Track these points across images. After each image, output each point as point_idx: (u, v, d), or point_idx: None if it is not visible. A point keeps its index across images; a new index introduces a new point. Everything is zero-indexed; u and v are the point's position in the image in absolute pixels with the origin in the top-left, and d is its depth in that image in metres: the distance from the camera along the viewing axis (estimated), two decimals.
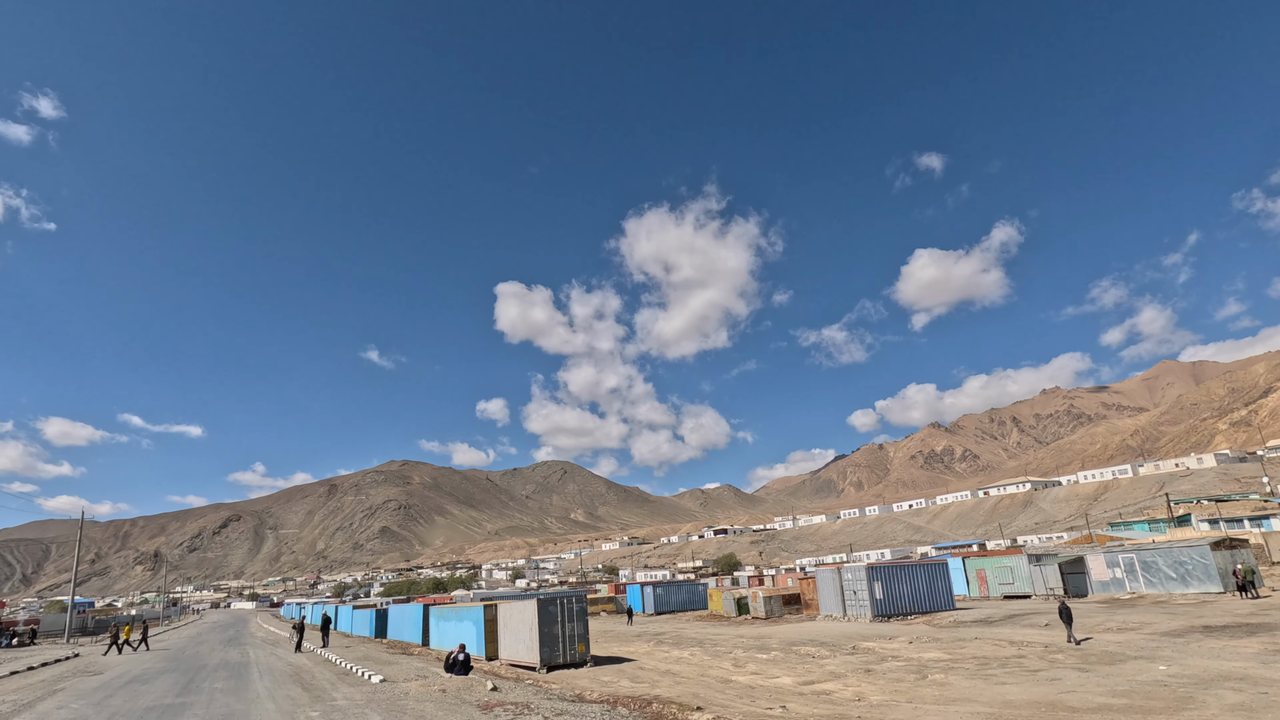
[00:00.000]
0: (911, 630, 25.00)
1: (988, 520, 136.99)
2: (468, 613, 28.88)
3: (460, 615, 29.96)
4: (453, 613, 31.27)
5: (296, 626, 34.37)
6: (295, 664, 25.86)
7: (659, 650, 25.88)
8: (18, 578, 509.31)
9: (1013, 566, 32.90)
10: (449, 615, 31.58)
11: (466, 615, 28.98)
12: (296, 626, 34.37)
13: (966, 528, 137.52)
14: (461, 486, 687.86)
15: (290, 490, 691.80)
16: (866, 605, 27.68)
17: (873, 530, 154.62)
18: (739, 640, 26.76)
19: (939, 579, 28.81)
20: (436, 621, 33.41)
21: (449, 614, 31.64)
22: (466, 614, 29.03)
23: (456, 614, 30.59)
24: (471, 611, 28.42)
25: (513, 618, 24.15)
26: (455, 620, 30.55)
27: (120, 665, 28.87)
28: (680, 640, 29.08)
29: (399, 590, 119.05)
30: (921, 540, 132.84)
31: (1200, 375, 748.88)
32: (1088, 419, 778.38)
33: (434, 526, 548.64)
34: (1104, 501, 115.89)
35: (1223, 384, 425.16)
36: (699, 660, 21.86)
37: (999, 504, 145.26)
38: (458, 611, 30.65)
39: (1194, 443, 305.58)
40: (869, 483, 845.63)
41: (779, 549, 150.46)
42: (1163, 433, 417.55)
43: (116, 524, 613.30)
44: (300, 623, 34.85)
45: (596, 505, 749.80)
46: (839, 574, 28.83)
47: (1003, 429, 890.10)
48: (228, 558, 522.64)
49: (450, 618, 31.33)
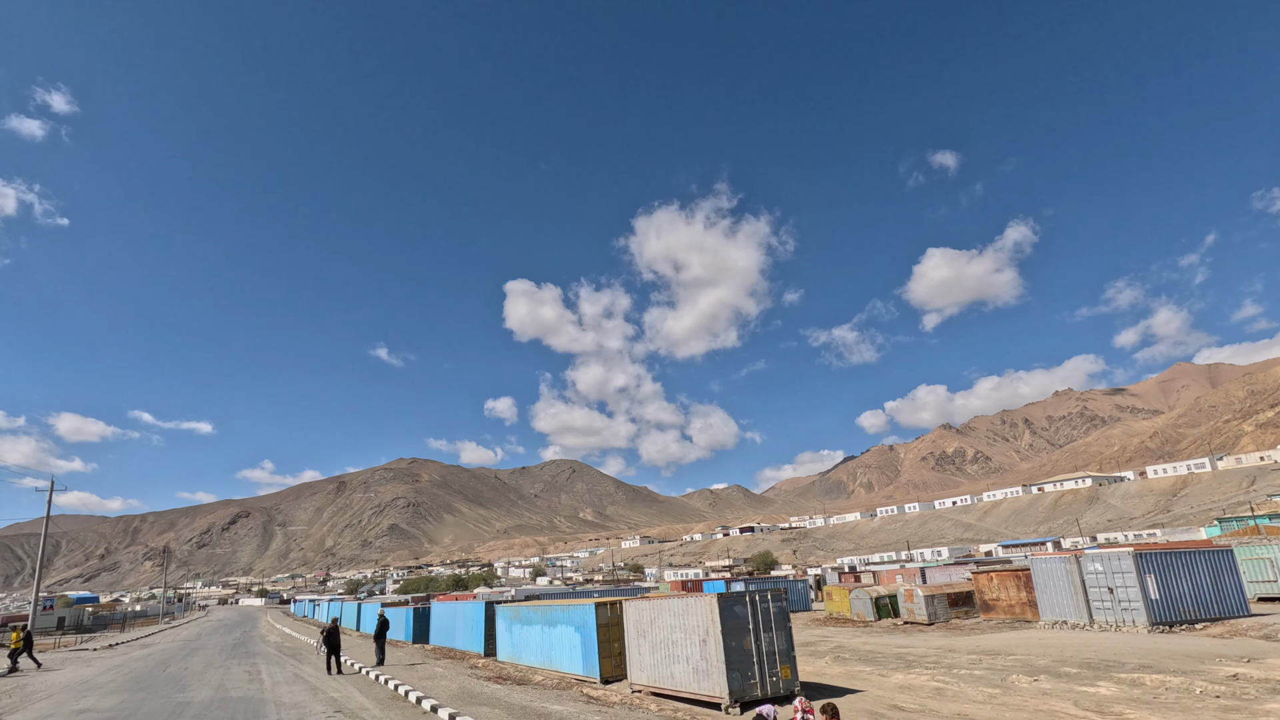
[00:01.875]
0: (1241, 647, 17.42)
1: (1049, 517, 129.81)
2: (567, 614, 21.30)
3: (552, 617, 22.33)
4: (537, 614, 23.46)
5: (326, 636, 23.15)
6: (345, 705, 16.18)
7: (863, 671, 18.15)
8: (28, 571, 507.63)
9: (1273, 558, 25.81)
10: (533, 618, 23.79)
11: (564, 617, 21.41)
12: (326, 636, 23.15)
13: (1025, 525, 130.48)
14: (470, 485, 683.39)
15: (299, 487, 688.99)
16: (1134, 608, 20.12)
17: (916, 528, 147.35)
18: (952, 656, 19.14)
19: (1225, 572, 21.03)
20: (510, 625, 25.47)
21: (533, 616, 23.86)
22: (564, 615, 21.45)
23: (545, 616, 22.92)
24: (574, 612, 20.93)
25: (659, 622, 16.84)
26: (543, 625, 22.96)
27: None
28: (864, 656, 20.81)
29: (417, 587, 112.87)
30: (974, 538, 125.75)
31: (1216, 378, 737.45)
32: (1101, 421, 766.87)
33: (443, 524, 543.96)
34: (1185, 498, 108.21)
35: (1242, 386, 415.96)
36: (973, 694, 14.82)
37: (1060, 500, 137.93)
38: (547, 612, 22.92)
39: (1218, 444, 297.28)
40: (879, 484, 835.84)
41: (813, 547, 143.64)
42: (1183, 435, 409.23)
43: (126, 519, 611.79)
44: (333, 630, 23.21)
45: (605, 505, 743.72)
46: (1076, 563, 21.59)
47: (1014, 431, 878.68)
48: (236, 554, 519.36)
49: (535, 621, 23.57)
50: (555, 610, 22.57)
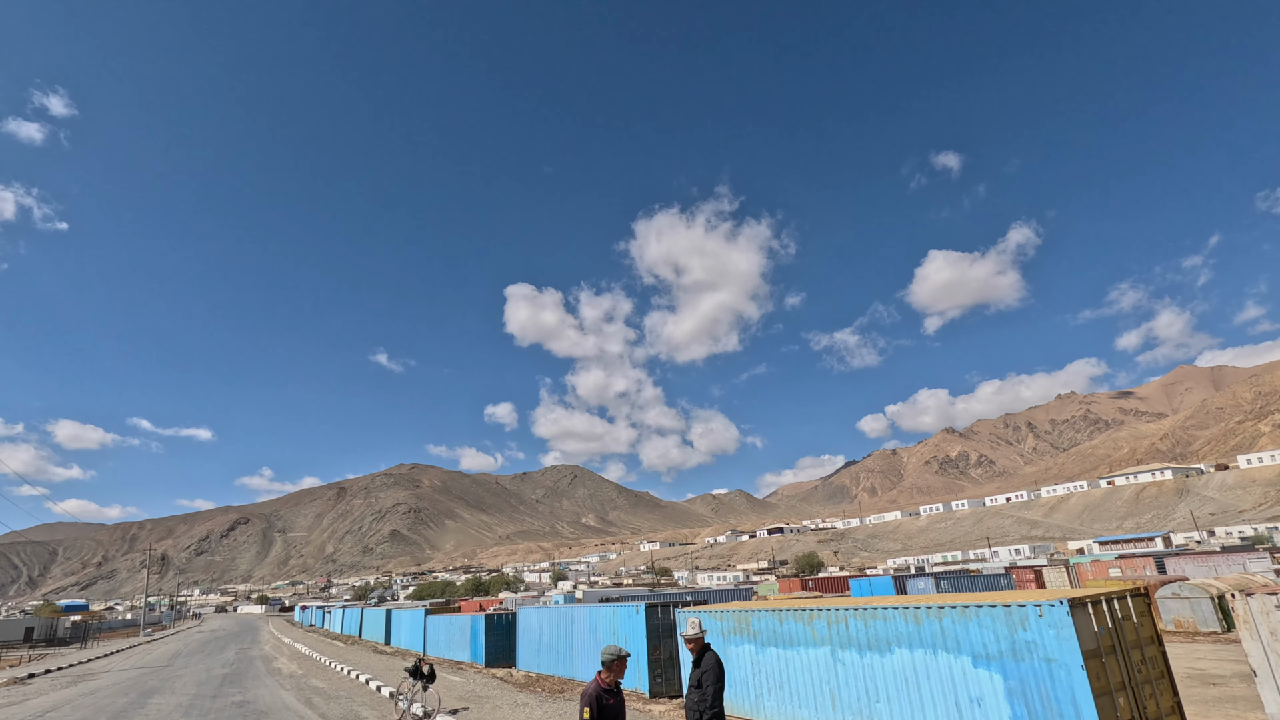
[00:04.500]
0: None
1: (1132, 511, 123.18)
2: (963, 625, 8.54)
3: (901, 633, 9.39)
4: (842, 626, 10.43)
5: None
6: None
7: None
8: (24, 580, 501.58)
9: None
10: (821, 633, 10.76)
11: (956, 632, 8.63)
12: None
13: (1104, 520, 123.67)
14: (471, 490, 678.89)
15: (299, 493, 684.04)
16: None
17: (969, 526, 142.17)
18: None
19: None
20: (740, 644, 12.41)
21: (826, 630, 10.68)
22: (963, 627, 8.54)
23: (865, 631, 9.97)
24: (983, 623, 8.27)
25: None
26: (859, 648, 10.04)
27: None
28: None
29: (431, 592, 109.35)
30: (1044, 535, 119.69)
31: (1220, 380, 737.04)
32: (1105, 425, 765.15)
33: (444, 530, 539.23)
34: None
35: (1249, 388, 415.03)
36: None
37: (1142, 493, 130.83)
38: (869, 622, 9.95)
39: (1234, 445, 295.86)
40: (882, 488, 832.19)
41: (855, 548, 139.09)
42: (1193, 436, 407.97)
43: (124, 526, 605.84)
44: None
45: (607, 510, 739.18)
46: None
47: (1018, 434, 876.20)
48: (235, 561, 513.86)
49: (827, 639, 10.62)
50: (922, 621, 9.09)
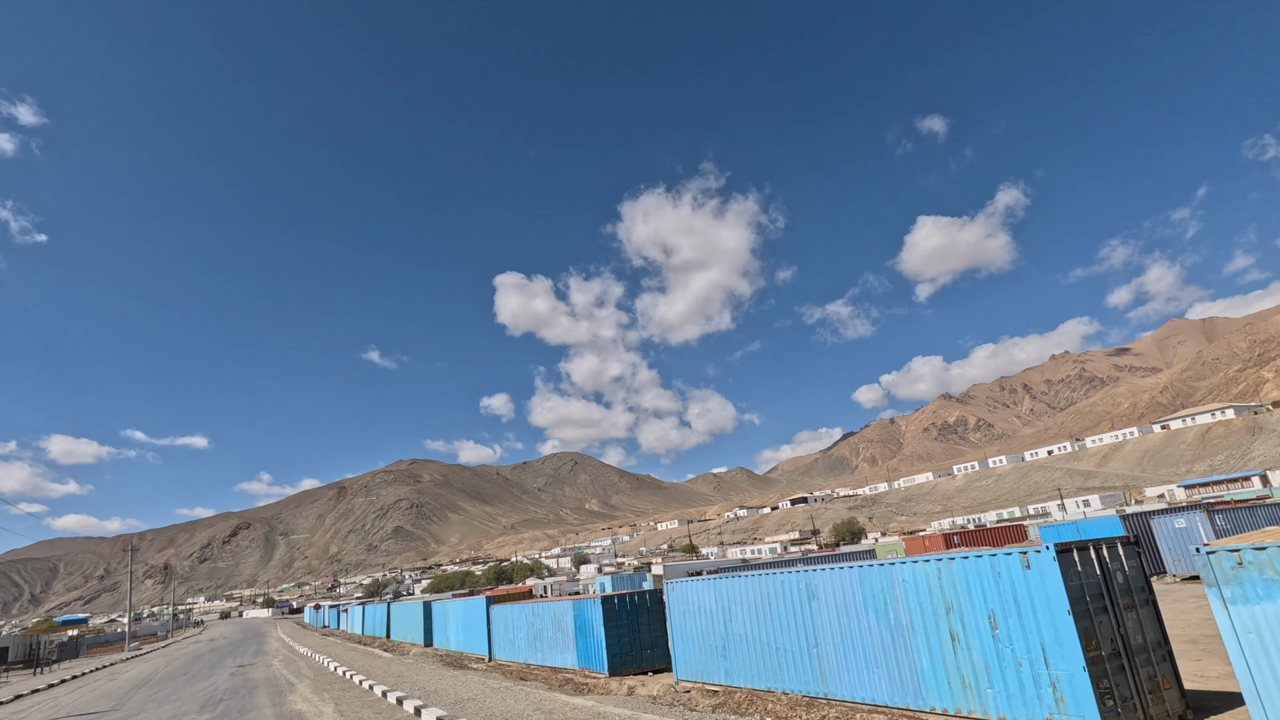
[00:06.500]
0: None
1: (1199, 455, 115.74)
2: None
3: None
4: None
5: None
6: None
7: None
8: (26, 598, 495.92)
9: None
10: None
11: None
12: None
13: (1168, 466, 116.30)
14: (472, 482, 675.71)
15: (299, 495, 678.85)
16: None
17: (1014, 482, 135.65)
18: None
19: None
20: None
21: None
22: None
23: None
24: None
25: None
26: None
27: None
28: None
29: (450, 584, 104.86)
30: (1102, 485, 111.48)
31: (1212, 332, 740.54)
32: (1100, 382, 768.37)
33: (448, 524, 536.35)
34: None
35: (1243, 337, 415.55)
36: None
37: (1208, 434, 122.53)
38: None
39: (1238, 393, 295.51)
40: (883, 458, 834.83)
41: (890, 513, 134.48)
42: (1193, 388, 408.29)
43: (125, 538, 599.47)
44: None
45: (610, 494, 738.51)
46: None
47: (1014, 397, 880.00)
48: (239, 566, 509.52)
49: None
50: None
